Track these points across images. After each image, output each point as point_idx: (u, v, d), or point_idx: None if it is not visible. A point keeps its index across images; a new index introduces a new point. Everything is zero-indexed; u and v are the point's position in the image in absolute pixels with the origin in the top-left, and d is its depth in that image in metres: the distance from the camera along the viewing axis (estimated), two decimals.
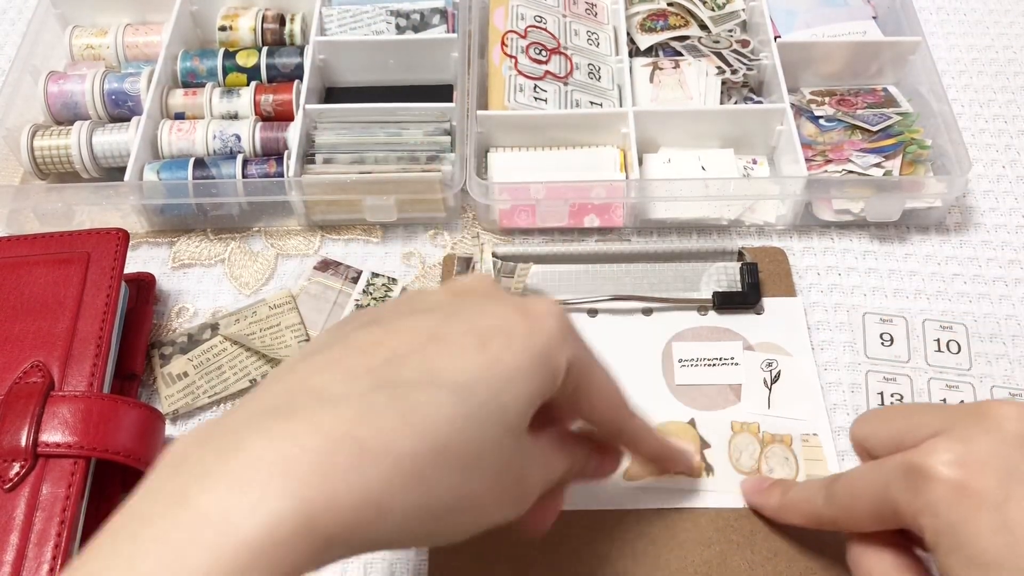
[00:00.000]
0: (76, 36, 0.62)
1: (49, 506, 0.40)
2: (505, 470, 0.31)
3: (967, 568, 0.31)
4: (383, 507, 0.26)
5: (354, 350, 0.30)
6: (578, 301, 0.51)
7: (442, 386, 0.29)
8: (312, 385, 0.29)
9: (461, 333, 0.31)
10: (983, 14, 0.68)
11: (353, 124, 0.57)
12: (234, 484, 0.25)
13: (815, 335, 0.51)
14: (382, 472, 0.26)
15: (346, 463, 0.26)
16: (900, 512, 0.33)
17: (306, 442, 0.26)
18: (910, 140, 0.55)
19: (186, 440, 0.28)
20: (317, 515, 0.25)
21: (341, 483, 0.25)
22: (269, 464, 0.25)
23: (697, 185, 0.54)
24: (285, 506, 0.24)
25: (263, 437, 0.26)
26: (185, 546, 0.24)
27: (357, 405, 0.27)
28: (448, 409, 0.28)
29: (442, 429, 0.28)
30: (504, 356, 0.30)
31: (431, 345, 0.30)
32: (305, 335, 0.51)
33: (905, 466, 0.33)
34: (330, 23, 0.61)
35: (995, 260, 0.54)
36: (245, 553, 0.24)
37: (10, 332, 0.44)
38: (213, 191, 0.53)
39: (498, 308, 0.32)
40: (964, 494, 0.31)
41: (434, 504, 0.28)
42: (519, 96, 0.57)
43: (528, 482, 0.33)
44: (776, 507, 0.42)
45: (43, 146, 0.56)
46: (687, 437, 0.46)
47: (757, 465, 0.45)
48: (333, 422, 0.27)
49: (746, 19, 0.62)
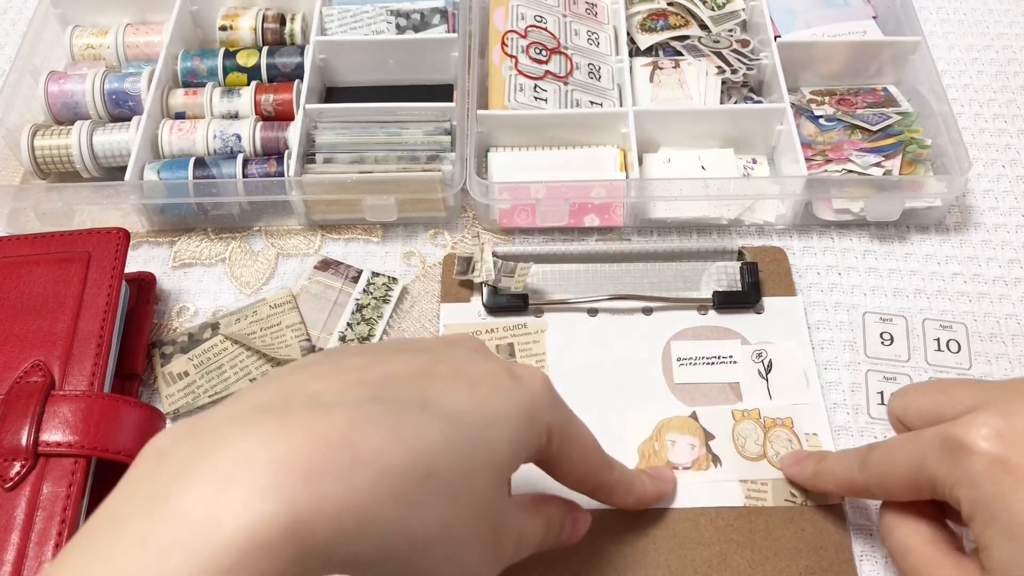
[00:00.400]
0: (76, 36, 0.62)
1: (50, 505, 0.40)
2: (486, 512, 0.30)
3: (1005, 540, 0.31)
4: (367, 518, 0.26)
5: (348, 367, 0.30)
6: (578, 301, 0.51)
7: (433, 411, 0.29)
8: (307, 390, 0.28)
9: (450, 373, 0.31)
10: (983, 14, 0.68)
11: (353, 124, 0.57)
12: (218, 482, 0.24)
13: (815, 334, 0.51)
14: (369, 481, 0.26)
15: (336, 468, 0.25)
16: (937, 483, 0.34)
17: (297, 442, 0.25)
18: (910, 140, 0.55)
19: (168, 435, 0.27)
20: (302, 520, 0.24)
21: (330, 488, 0.25)
22: (256, 462, 0.25)
23: (697, 185, 0.54)
24: (272, 507, 0.24)
25: (251, 434, 0.25)
26: (167, 546, 0.23)
27: (351, 412, 0.27)
28: (438, 431, 0.28)
29: (431, 449, 0.28)
30: (492, 400, 0.31)
31: (423, 375, 0.30)
32: (305, 334, 0.51)
33: (944, 438, 0.33)
34: (330, 23, 0.61)
35: (995, 260, 0.54)
36: (228, 555, 0.23)
37: (10, 331, 0.45)
38: (213, 191, 0.53)
39: (486, 363, 0.33)
40: (1004, 468, 0.32)
41: (415, 527, 0.27)
42: (519, 96, 0.57)
43: (505, 537, 0.32)
44: (811, 474, 0.42)
45: (43, 146, 0.56)
46: (690, 430, 0.46)
47: (763, 450, 0.46)
48: (326, 425, 0.26)
49: (746, 19, 0.62)
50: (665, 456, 0.46)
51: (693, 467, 0.45)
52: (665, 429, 0.47)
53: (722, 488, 0.45)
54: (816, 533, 0.43)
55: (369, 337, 0.51)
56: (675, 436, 0.46)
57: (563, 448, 0.34)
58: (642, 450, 0.46)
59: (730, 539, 0.43)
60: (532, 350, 0.50)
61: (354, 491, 0.25)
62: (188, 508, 0.24)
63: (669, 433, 0.47)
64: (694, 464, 0.45)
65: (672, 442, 0.46)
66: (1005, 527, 0.31)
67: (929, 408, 0.37)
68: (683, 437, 0.46)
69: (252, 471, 0.24)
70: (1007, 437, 0.32)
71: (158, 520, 0.24)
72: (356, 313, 0.52)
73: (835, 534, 0.43)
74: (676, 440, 0.46)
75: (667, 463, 0.45)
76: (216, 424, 0.27)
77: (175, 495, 0.24)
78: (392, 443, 0.27)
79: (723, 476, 0.45)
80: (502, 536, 0.32)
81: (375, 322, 0.51)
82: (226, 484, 0.24)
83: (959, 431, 0.33)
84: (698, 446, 0.46)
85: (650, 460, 0.45)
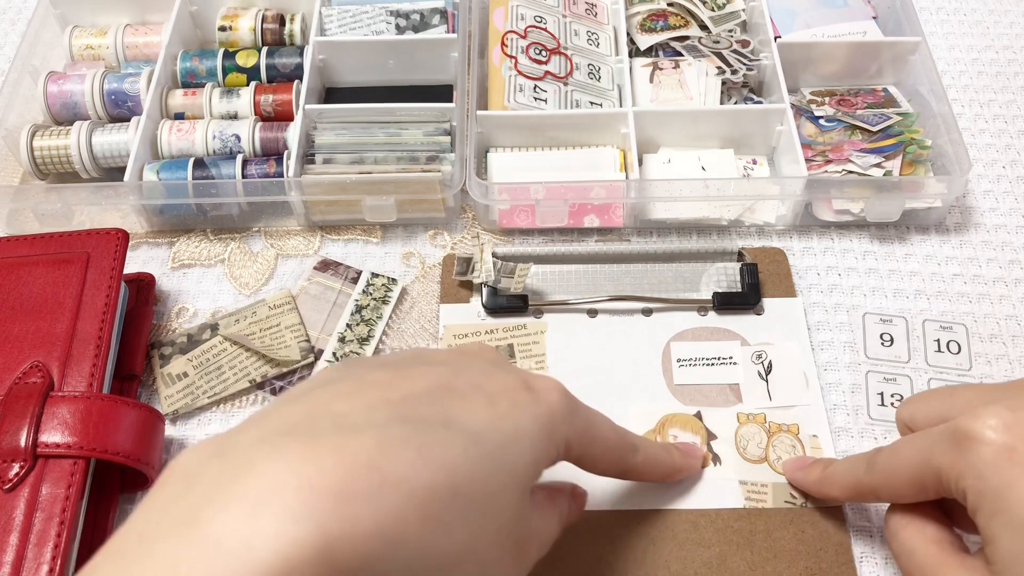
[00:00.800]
0: (76, 36, 0.62)
1: (48, 506, 0.40)
2: (511, 526, 0.31)
3: (1011, 531, 0.31)
4: (396, 541, 0.26)
5: (371, 384, 0.30)
6: (578, 302, 0.51)
7: (456, 429, 0.29)
8: (333, 410, 0.28)
9: (470, 387, 0.31)
10: (983, 14, 0.68)
11: (353, 124, 0.57)
12: (249, 506, 0.24)
13: (815, 335, 0.51)
14: (399, 503, 0.26)
15: (365, 491, 0.25)
16: (943, 476, 0.34)
17: (327, 466, 0.25)
18: (910, 140, 0.55)
19: (195, 455, 0.27)
20: (332, 544, 0.24)
21: (360, 511, 0.25)
22: (287, 487, 0.25)
23: (697, 185, 0.54)
24: (303, 532, 0.24)
25: (280, 458, 0.26)
26: (196, 570, 0.23)
27: (378, 435, 0.27)
28: (461, 450, 0.28)
29: (456, 468, 0.28)
30: (511, 416, 0.31)
31: (443, 392, 0.31)
32: (305, 335, 0.51)
33: (951, 430, 0.34)
34: (330, 23, 0.61)
35: (995, 260, 0.54)
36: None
37: (10, 332, 0.44)
38: (213, 191, 0.53)
39: (505, 376, 0.33)
40: (1011, 458, 0.32)
41: (442, 546, 0.27)
42: (519, 96, 0.57)
43: (529, 546, 0.33)
44: (817, 480, 0.42)
45: (43, 146, 0.56)
46: (693, 429, 0.46)
47: (764, 454, 0.46)
48: (355, 449, 0.26)
49: (746, 19, 0.62)
50: None
51: None
52: (668, 424, 0.47)
53: (722, 489, 0.44)
54: (816, 535, 0.43)
55: (369, 338, 0.51)
56: (677, 431, 0.47)
57: (585, 450, 0.35)
58: None
59: (730, 540, 0.43)
60: (532, 351, 0.50)
61: (383, 514, 0.25)
62: (219, 533, 0.24)
63: (672, 428, 0.47)
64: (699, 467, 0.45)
65: (674, 437, 0.46)
66: (1012, 518, 0.31)
67: (937, 412, 0.37)
68: (685, 434, 0.46)
69: (283, 496, 0.24)
70: (1015, 429, 0.32)
71: (189, 544, 0.24)
72: (355, 314, 0.52)
73: (835, 535, 0.43)
74: (679, 436, 0.46)
75: None
76: (245, 446, 0.27)
77: (205, 519, 0.24)
78: (418, 465, 0.27)
79: (723, 475, 0.45)
80: (526, 545, 0.33)
81: (374, 323, 0.51)
82: (257, 509, 0.24)
83: (967, 422, 0.33)
84: (700, 444, 0.46)
85: None
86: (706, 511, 0.44)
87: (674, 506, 0.44)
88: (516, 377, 0.33)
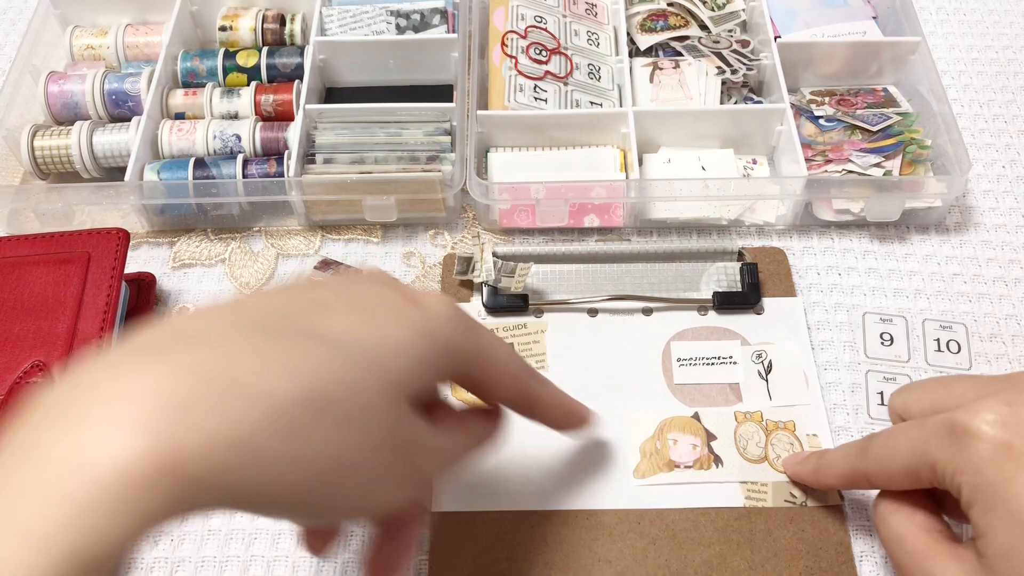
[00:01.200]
0: (76, 36, 0.62)
1: None
2: (391, 440, 0.30)
3: (1005, 526, 0.31)
4: (256, 450, 0.25)
5: (234, 305, 0.30)
6: (578, 301, 0.51)
7: (321, 339, 0.28)
8: (187, 330, 0.28)
9: (347, 303, 0.31)
10: (983, 14, 0.68)
11: (353, 124, 0.57)
12: (87, 423, 0.24)
13: (815, 335, 0.51)
14: (254, 413, 0.25)
15: (214, 401, 0.25)
16: (938, 469, 0.34)
17: (169, 377, 0.25)
18: (910, 140, 0.55)
19: (51, 387, 0.26)
20: (180, 453, 0.24)
21: (208, 421, 0.24)
22: (127, 400, 0.24)
23: (697, 185, 0.54)
24: (143, 443, 0.23)
25: (126, 374, 0.25)
26: (28, 492, 0.23)
27: (231, 347, 0.27)
28: (324, 359, 0.28)
29: (319, 376, 0.27)
30: (386, 325, 0.30)
31: (316, 308, 0.30)
32: None
33: (948, 424, 0.33)
34: (330, 23, 0.61)
35: (995, 260, 0.54)
36: (100, 494, 0.22)
37: (10, 332, 0.45)
38: (213, 191, 0.53)
39: (390, 292, 0.32)
40: (1007, 454, 0.32)
41: (312, 456, 0.27)
42: (519, 96, 0.57)
43: (421, 462, 0.32)
44: (813, 469, 0.42)
45: (43, 146, 0.56)
46: (691, 430, 0.47)
47: (764, 453, 0.46)
48: (203, 360, 0.26)
49: (746, 19, 0.62)
50: (667, 455, 0.46)
51: (695, 466, 0.45)
52: (667, 428, 0.47)
53: (722, 489, 0.45)
54: (816, 534, 0.43)
55: None
56: (677, 435, 0.46)
57: (483, 371, 0.34)
58: (643, 448, 0.46)
59: (730, 540, 0.43)
60: (532, 350, 0.50)
61: (232, 423, 0.25)
62: (57, 452, 0.23)
63: (671, 432, 0.47)
64: (696, 463, 0.45)
65: (674, 441, 0.46)
66: (1006, 514, 0.31)
67: (931, 403, 0.37)
68: (685, 436, 0.46)
69: (122, 409, 0.24)
70: (1012, 425, 0.32)
71: (21, 468, 0.23)
72: None
73: (835, 534, 0.43)
74: (678, 439, 0.46)
75: (668, 462, 0.45)
76: (95, 370, 0.26)
77: (44, 442, 0.24)
78: (276, 373, 0.26)
79: (724, 476, 0.45)
80: (414, 458, 0.32)
81: None
82: (100, 425, 0.23)
83: (964, 417, 0.33)
84: (700, 446, 0.46)
85: (651, 458, 0.45)
86: (706, 510, 0.44)
87: (674, 505, 0.44)
88: (402, 294, 0.32)
